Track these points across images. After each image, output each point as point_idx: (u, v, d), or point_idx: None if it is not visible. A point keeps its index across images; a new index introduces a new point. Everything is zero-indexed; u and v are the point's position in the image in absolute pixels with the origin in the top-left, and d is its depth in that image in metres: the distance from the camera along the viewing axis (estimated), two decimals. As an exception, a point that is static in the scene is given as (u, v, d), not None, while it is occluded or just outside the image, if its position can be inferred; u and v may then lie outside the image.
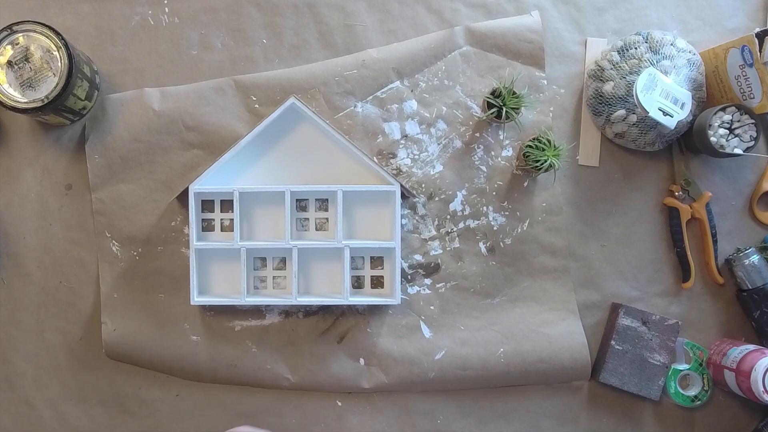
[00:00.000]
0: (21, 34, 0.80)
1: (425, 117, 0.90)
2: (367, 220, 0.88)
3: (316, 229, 0.89)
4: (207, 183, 0.85)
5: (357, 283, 0.90)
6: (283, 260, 0.89)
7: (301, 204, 0.90)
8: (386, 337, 0.88)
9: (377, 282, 0.89)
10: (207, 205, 0.89)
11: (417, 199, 0.89)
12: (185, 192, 0.85)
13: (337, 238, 0.85)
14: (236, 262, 0.86)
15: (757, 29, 0.80)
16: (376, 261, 0.89)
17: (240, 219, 0.85)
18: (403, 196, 0.88)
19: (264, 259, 0.90)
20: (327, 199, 0.89)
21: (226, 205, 0.89)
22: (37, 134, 0.90)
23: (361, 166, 0.87)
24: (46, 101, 0.79)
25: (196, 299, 0.85)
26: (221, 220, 0.89)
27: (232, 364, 0.88)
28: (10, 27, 0.79)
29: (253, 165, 0.88)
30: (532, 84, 0.91)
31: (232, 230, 0.86)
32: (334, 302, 0.85)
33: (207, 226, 0.89)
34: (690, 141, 0.88)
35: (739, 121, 0.84)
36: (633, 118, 0.85)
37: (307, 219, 0.89)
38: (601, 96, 0.88)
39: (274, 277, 0.89)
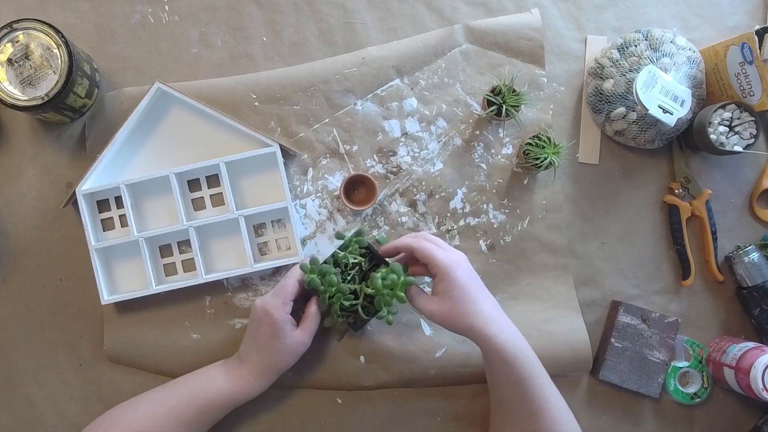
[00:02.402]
0: (21, 32, 0.80)
1: (425, 115, 0.90)
2: (260, 187, 0.88)
3: (213, 206, 0.89)
4: (96, 183, 0.85)
5: (266, 250, 0.90)
6: (187, 243, 0.88)
7: (193, 185, 0.89)
8: (386, 334, 0.88)
9: (285, 246, 0.89)
10: (104, 204, 0.89)
11: (298, 154, 0.88)
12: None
13: (230, 210, 0.85)
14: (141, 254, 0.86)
15: (757, 27, 0.80)
16: (280, 225, 0.89)
17: (135, 211, 0.86)
18: (288, 155, 0.88)
19: (169, 246, 0.89)
20: (217, 175, 0.88)
21: (121, 201, 0.87)
22: (38, 132, 0.90)
23: (240, 135, 0.87)
24: (46, 99, 0.79)
25: (107, 298, 0.85)
26: (119, 216, 0.88)
27: (233, 362, 0.88)
28: (10, 25, 0.79)
29: (137, 157, 0.87)
30: (532, 82, 0.91)
31: None
32: (240, 273, 0.86)
33: (109, 225, 0.88)
34: (690, 138, 0.88)
35: (738, 118, 0.85)
36: (633, 115, 0.85)
37: (202, 197, 0.89)
38: (601, 93, 0.88)
39: (182, 261, 0.89)
